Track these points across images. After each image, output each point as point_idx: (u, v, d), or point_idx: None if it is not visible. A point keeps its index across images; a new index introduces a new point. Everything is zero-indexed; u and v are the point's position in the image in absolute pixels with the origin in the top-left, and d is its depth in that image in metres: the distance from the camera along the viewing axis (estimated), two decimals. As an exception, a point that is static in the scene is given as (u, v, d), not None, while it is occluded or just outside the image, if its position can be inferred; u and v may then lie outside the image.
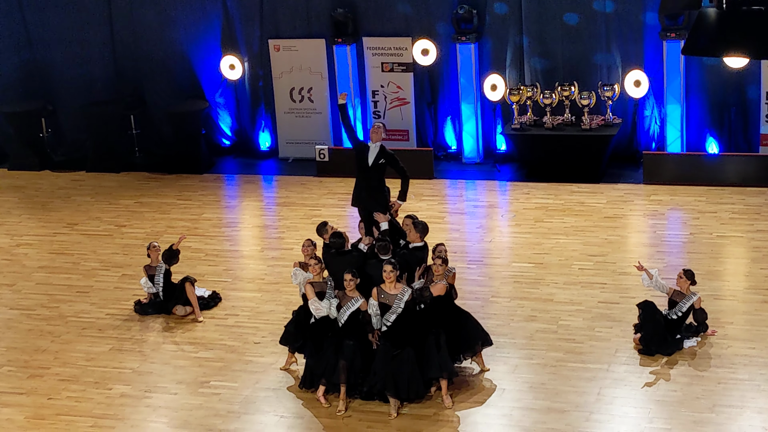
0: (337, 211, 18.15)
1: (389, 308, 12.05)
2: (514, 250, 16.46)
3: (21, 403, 12.84)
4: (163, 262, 14.85)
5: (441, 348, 12.28)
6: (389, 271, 12.00)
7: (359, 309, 12.26)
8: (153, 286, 14.83)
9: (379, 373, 12.13)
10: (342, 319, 12.29)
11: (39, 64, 21.98)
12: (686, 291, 13.25)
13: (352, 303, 12.25)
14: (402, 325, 12.07)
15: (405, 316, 12.06)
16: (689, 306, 13.17)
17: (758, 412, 11.78)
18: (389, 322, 12.07)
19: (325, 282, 12.59)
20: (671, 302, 13.29)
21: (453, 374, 12.37)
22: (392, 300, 12.04)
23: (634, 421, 11.75)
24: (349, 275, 12.20)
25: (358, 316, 12.29)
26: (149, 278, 14.83)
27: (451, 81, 20.24)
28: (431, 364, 12.22)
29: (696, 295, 13.24)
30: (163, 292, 14.81)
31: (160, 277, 14.79)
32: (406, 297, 12.03)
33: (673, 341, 13.08)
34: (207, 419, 12.26)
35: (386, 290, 12.08)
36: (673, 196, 18.09)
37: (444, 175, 19.74)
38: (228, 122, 21.55)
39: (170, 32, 21.24)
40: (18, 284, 16.23)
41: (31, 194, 20.21)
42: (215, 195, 19.57)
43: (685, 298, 13.20)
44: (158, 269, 14.80)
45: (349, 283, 12.20)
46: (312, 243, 13.11)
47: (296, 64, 20.67)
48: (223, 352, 13.78)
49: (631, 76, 19.09)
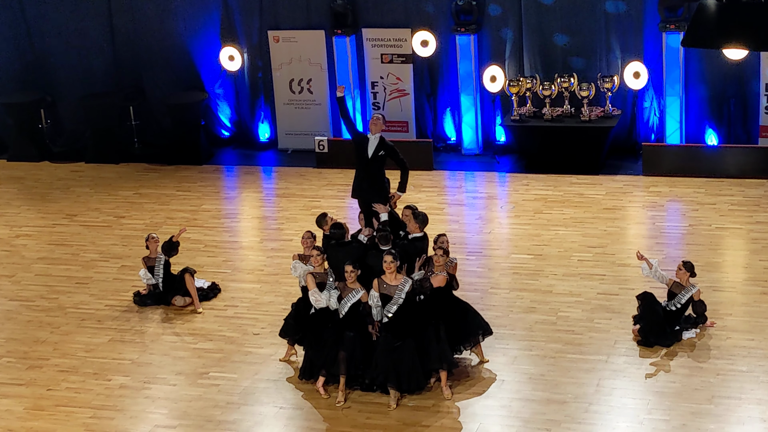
0: (336, 202, 18.15)
1: (390, 299, 12.05)
2: (513, 241, 16.46)
3: (20, 394, 12.85)
4: (163, 253, 14.85)
5: (441, 339, 12.29)
6: (389, 262, 11.99)
7: (360, 300, 12.26)
8: (152, 278, 14.83)
9: (380, 366, 12.14)
10: (343, 310, 12.28)
11: (38, 55, 21.96)
12: (685, 283, 13.25)
13: (353, 294, 12.25)
14: (403, 316, 12.06)
15: (406, 308, 12.05)
16: (688, 298, 13.18)
17: (757, 403, 11.79)
18: (390, 313, 12.06)
19: (326, 273, 12.59)
20: (670, 294, 13.30)
21: (453, 365, 12.38)
22: (393, 291, 12.03)
23: (632, 413, 11.76)
24: (350, 267, 12.19)
25: (359, 308, 12.30)
26: (148, 270, 14.83)
27: (450, 72, 20.23)
28: (431, 356, 12.23)
29: (695, 287, 13.24)
30: (162, 283, 14.81)
31: (160, 268, 14.79)
32: (407, 288, 12.01)
33: (672, 333, 13.09)
34: (206, 410, 12.27)
35: (387, 281, 12.08)
36: (672, 187, 18.09)
37: (443, 167, 19.73)
38: (227, 113, 21.54)
39: (169, 23, 21.21)
40: (17, 275, 16.23)
41: (31, 185, 20.20)
42: (214, 186, 19.57)
43: (684, 289, 13.21)
44: (158, 260, 14.80)
45: (350, 275, 12.19)
46: (312, 235, 13.12)
47: (296, 55, 20.65)
48: (222, 343, 13.78)
49: (631, 67, 19.07)
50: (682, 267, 13.31)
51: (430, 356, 12.23)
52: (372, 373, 12.24)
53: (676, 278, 13.30)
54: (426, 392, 12.30)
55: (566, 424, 11.63)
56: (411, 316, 12.11)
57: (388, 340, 12.12)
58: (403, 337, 12.11)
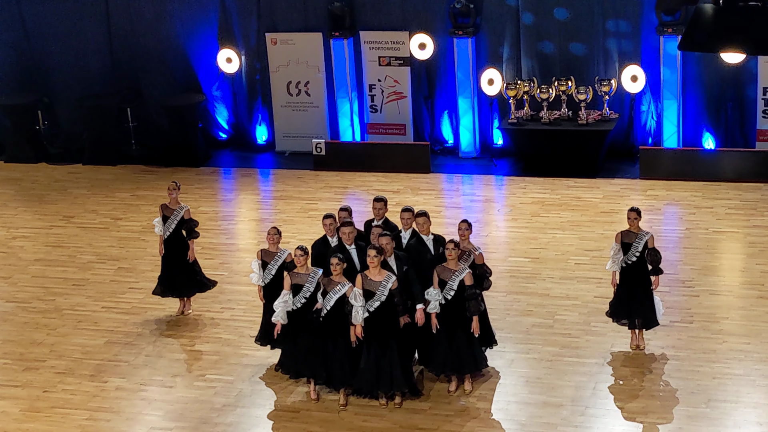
0: (333, 204, 18.10)
1: (373, 295, 11.83)
2: (510, 244, 16.46)
3: (16, 395, 12.84)
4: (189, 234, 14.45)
5: (473, 342, 12.22)
6: (373, 256, 11.76)
7: (345, 295, 11.90)
8: (162, 229, 14.38)
9: (365, 373, 12.02)
10: (328, 305, 11.94)
11: (36, 57, 21.94)
12: (636, 229, 12.79)
13: (339, 288, 11.91)
14: (384, 313, 11.84)
15: (388, 305, 11.82)
16: (644, 245, 12.71)
17: (753, 407, 11.79)
18: (372, 308, 11.82)
19: (307, 275, 12.23)
20: (625, 246, 12.78)
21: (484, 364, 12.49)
22: (376, 287, 11.80)
23: (629, 416, 11.76)
24: (335, 259, 11.87)
25: (345, 303, 11.91)
26: (162, 219, 14.39)
27: (448, 75, 20.23)
28: (464, 360, 12.16)
29: (648, 233, 12.81)
30: (168, 239, 14.40)
31: (173, 223, 14.30)
32: (389, 285, 11.79)
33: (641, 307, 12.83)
34: (202, 412, 12.27)
35: (370, 276, 11.85)
36: (669, 191, 18.10)
37: (441, 170, 19.73)
38: (225, 115, 21.53)
39: (167, 25, 21.21)
40: (14, 277, 16.22)
41: (28, 187, 20.19)
42: (212, 188, 19.56)
43: (638, 237, 12.74)
44: (176, 212, 14.30)
45: (335, 268, 11.86)
46: (278, 231, 12.90)
47: (293, 58, 20.65)
48: (219, 345, 13.78)
49: (628, 71, 19.09)
50: (632, 213, 12.72)
51: (464, 360, 12.15)
52: (357, 381, 12.13)
53: (628, 228, 12.76)
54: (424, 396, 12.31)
55: (563, 428, 11.63)
56: (393, 314, 11.89)
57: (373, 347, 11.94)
58: (385, 339, 11.91)
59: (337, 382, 12.18)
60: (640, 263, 12.78)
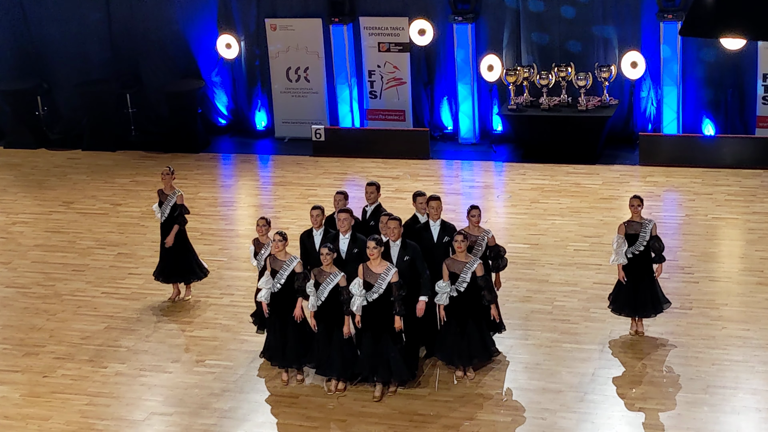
0: (332, 190, 18.04)
1: (372, 287, 11.76)
2: (509, 230, 16.46)
3: (16, 381, 12.85)
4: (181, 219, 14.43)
5: (484, 332, 12.24)
6: (372, 248, 11.71)
7: (339, 284, 11.85)
8: (159, 212, 14.36)
9: (364, 362, 12.03)
10: (322, 296, 11.89)
11: (35, 43, 21.92)
12: (639, 218, 12.70)
13: (331, 278, 11.82)
14: (382, 306, 11.80)
15: (386, 297, 11.77)
16: (649, 233, 12.64)
17: (752, 393, 11.80)
18: (370, 299, 11.78)
19: (282, 261, 12.09)
20: (630, 237, 12.67)
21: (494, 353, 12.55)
22: (375, 279, 11.73)
23: (628, 402, 11.77)
24: (326, 249, 11.75)
25: (338, 293, 11.86)
26: (159, 204, 14.39)
27: (447, 61, 20.21)
28: (474, 350, 12.17)
29: (651, 221, 12.75)
30: (162, 224, 14.38)
31: (167, 208, 14.28)
32: (389, 277, 11.73)
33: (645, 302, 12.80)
34: (202, 398, 12.28)
35: (371, 268, 11.80)
36: (668, 177, 18.10)
37: (440, 156, 19.73)
38: (224, 101, 21.51)
39: (166, 11, 21.18)
40: (13, 262, 16.22)
41: (27, 172, 20.18)
42: (211, 174, 19.56)
43: (643, 226, 12.66)
44: (169, 198, 14.28)
45: (326, 257, 11.75)
46: (267, 222, 12.88)
47: (293, 44, 20.63)
48: (218, 331, 13.79)
49: (628, 57, 19.07)
50: (634, 201, 12.61)
51: (474, 350, 12.18)
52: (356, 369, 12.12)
53: (632, 218, 12.69)
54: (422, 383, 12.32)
55: (561, 413, 11.64)
56: (389, 307, 11.82)
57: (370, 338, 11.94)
58: (380, 331, 11.88)
59: (333, 371, 12.17)
60: (644, 252, 12.75)
